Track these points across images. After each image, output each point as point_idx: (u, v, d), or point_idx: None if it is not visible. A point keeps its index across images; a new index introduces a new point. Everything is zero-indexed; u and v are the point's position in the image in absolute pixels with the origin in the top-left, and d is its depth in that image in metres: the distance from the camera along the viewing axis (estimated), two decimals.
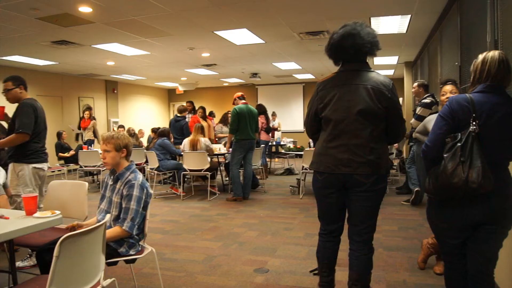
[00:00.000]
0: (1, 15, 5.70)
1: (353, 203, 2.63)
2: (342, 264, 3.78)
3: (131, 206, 2.75)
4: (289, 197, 7.30)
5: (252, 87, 16.19)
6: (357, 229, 2.66)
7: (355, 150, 2.53)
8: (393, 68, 12.19)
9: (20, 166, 3.89)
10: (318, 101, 2.69)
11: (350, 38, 2.54)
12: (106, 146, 2.82)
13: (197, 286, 3.45)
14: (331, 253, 2.84)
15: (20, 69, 10.50)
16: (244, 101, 7.06)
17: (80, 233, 1.95)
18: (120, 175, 2.88)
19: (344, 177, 2.58)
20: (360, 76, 2.57)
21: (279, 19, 6.30)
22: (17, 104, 4.00)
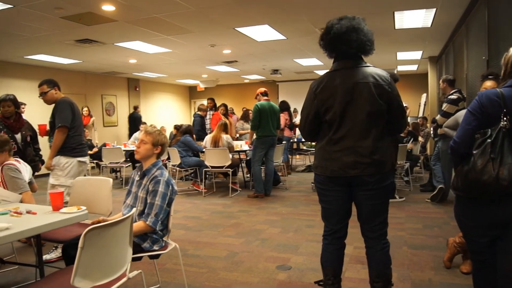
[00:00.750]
0: (26, 15, 5.80)
1: (360, 201, 2.57)
2: (365, 262, 3.74)
3: (156, 201, 2.78)
4: (311, 194, 7.26)
5: (272, 83, 16.15)
6: (369, 226, 2.61)
7: (361, 151, 2.47)
8: (416, 63, 11.98)
9: (66, 159, 4.17)
10: (319, 104, 2.57)
11: (355, 32, 2.46)
12: (146, 137, 2.92)
13: (219, 282, 3.46)
14: (335, 257, 2.73)
15: (44, 68, 10.72)
16: (266, 97, 7.04)
17: (104, 225, 1.97)
18: (146, 171, 2.92)
19: (350, 178, 2.52)
20: (359, 73, 2.48)
21: (301, 15, 6.25)
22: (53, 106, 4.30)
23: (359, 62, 2.52)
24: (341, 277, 2.76)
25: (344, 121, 2.50)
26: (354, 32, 2.46)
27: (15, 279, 3.59)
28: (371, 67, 2.52)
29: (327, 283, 2.73)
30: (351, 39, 2.47)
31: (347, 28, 2.47)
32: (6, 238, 2.15)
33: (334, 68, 2.57)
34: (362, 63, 2.52)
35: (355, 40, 2.46)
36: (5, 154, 3.44)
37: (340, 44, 2.52)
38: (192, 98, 18.27)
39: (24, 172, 3.51)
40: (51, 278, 2.28)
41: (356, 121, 2.47)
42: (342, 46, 2.52)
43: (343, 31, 2.48)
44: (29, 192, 3.37)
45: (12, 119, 4.56)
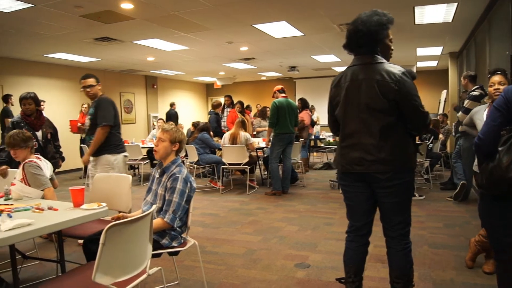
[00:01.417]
0: (47, 14, 5.88)
1: (378, 199, 2.55)
2: (385, 261, 3.69)
3: (174, 198, 2.79)
4: (329, 191, 7.21)
5: (290, 80, 16.08)
6: (390, 225, 2.57)
7: (366, 148, 2.44)
8: (436, 59, 11.78)
9: (114, 156, 4.37)
10: (332, 98, 2.64)
11: (353, 26, 2.45)
12: (163, 135, 2.93)
13: (238, 279, 3.46)
14: (357, 255, 2.70)
15: (64, 66, 10.87)
16: (284, 94, 7.01)
17: (125, 222, 1.98)
18: (166, 168, 2.94)
19: (363, 175, 2.50)
20: (369, 70, 2.44)
21: (319, 11, 6.19)
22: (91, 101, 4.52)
23: (373, 58, 2.46)
24: (362, 276, 2.72)
25: (350, 117, 2.51)
26: (353, 26, 2.45)
27: (36, 274, 3.65)
28: (385, 63, 2.45)
29: (348, 281, 2.70)
30: (349, 35, 2.48)
31: (350, 25, 2.48)
32: (28, 234, 2.18)
33: (350, 64, 2.58)
34: (377, 60, 2.46)
35: (353, 34, 2.45)
36: (27, 151, 3.49)
37: (347, 42, 2.53)
38: (209, 95, 18.31)
39: (45, 169, 3.55)
40: (72, 274, 2.30)
41: (361, 118, 2.46)
42: (348, 44, 2.53)
43: (348, 29, 2.49)
44: (51, 188, 3.41)
45: (33, 117, 4.62)
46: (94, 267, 1.90)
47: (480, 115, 3.65)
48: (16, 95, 7.84)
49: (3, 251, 3.88)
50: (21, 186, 3.27)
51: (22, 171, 3.40)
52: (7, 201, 3.04)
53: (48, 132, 4.71)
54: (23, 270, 3.65)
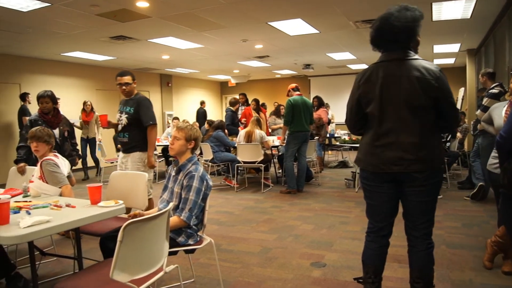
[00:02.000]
0: (63, 13, 5.93)
1: (407, 198, 2.48)
2: (402, 261, 3.66)
3: (190, 196, 2.78)
4: (344, 190, 7.16)
5: (304, 78, 16.01)
6: (415, 224, 2.51)
7: (405, 147, 2.37)
8: (454, 57, 11.61)
9: (145, 154, 4.47)
10: (362, 95, 2.52)
11: (381, 23, 2.38)
12: (178, 133, 2.93)
13: (253, 278, 3.45)
14: (377, 255, 2.64)
15: (80, 65, 10.99)
16: (298, 92, 6.98)
17: (143, 219, 1.98)
18: (182, 166, 2.94)
19: (395, 174, 2.43)
20: (404, 65, 2.37)
21: (335, 8, 6.13)
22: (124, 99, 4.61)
23: (406, 54, 2.40)
24: (381, 276, 2.68)
25: (387, 115, 2.41)
26: (382, 22, 2.38)
27: (54, 270, 3.69)
28: (420, 59, 2.39)
29: (367, 281, 2.66)
30: (378, 32, 2.42)
31: (377, 21, 2.42)
32: (47, 231, 2.20)
33: (379, 60, 2.49)
34: (410, 55, 2.40)
35: (383, 31, 2.39)
36: (48, 147, 3.53)
37: (374, 39, 2.47)
38: (223, 93, 18.34)
39: (62, 166, 3.58)
40: (90, 271, 2.32)
41: (399, 115, 2.38)
42: (376, 40, 2.47)
43: (375, 25, 2.43)
44: (68, 185, 3.45)
45: (50, 115, 4.66)
46: (111, 264, 1.90)
47: (499, 111, 3.57)
48: (33, 94, 7.95)
49: (22, 248, 3.95)
50: (39, 183, 3.31)
51: (40, 169, 3.44)
52: (25, 198, 3.08)
53: (65, 130, 4.76)
54: (41, 266, 3.70)
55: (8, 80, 9.27)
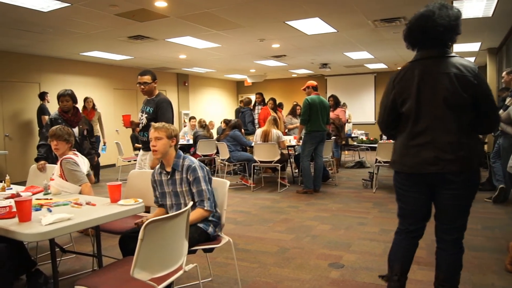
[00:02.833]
0: (83, 13, 5.99)
1: (442, 201, 2.41)
2: (421, 263, 3.60)
3: (203, 187, 2.81)
4: (362, 190, 7.09)
5: (321, 78, 15.92)
6: (447, 227, 2.45)
7: (443, 146, 2.31)
8: (474, 55, 11.40)
9: None
10: (396, 95, 2.47)
11: (423, 21, 2.33)
12: (158, 133, 2.84)
13: (271, 278, 3.43)
14: (405, 254, 2.60)
15: (98, 64, 11.11)
16: (316, 91, 6.93)
17: (164, 218, 1.98)
18: (175, 166, 2.90)
19: (431, 176, 2.37)
20: (441, 63, 2.33)
21: (354, 6, 6.07)
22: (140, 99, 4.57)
23: (443, 52, 2.37)
24: (407, 276, 2.63)
25: (423, 114, 2.37)
26: (423, 20, 2.34)
27: (73, 268, 3.73)
28: (457, 57, 2.35)
29: (392, 279, 2.61)
30: (417, 30, 2.37)
31: (415, 19, 2.38)
32: (68, 228, 2.22)
33: (415, 58, 2.46)
34: (447, 53, 2.36)
35: (422, 29, 2.34)
36: (68, 146, 3.57)
37: (411, 36, 2.44)
38: (239, 93, 18.35)
39: (81, 164, 3.61)
40: (110, 268, 2.33)
41: (436, 114, 2.33)
42: (413, 38, 2.44)
43: (413, 22, 2.39)
44: (88, 183, 3.48)
45: (70, 114, 4.72)
46: (132, 263, 1.91)
47: None
48: (52, 93, 8.08)
49: (41, 244, 4.01)
50: (60, 181, 3.35)
51: (60, 167, 3.48)
52: (46, 196, 3.11)
53: (85, 129, 4.81)
54: (60, 263, 3.74)
55: (28, 79, 9.42)
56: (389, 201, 6.15)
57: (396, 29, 7.51)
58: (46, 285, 3.08)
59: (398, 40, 8.63)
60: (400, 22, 6.93)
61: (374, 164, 7.08)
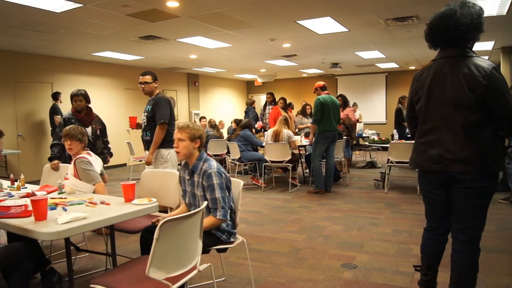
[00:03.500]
0: (95, 13, 6.02)
1: (455, 200, 2.43)
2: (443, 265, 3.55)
3: (217, 195, 2.71)
4: (373, 191, 7.04)
5: (331, 77, 15.86)
6: (461, 227, 2.44)
7: (446, 146, 2.33)
8: (487, 55, 11.28)
9: (168, 151, 4.56)
10: (413, 92, 2.55)
11: (444, 20, 2.33)
12: (181, 134, 2.77)
13: (283, 278, 3.42)
14: (432, 251, 2.67)
15: (109, 64, 11.17)
16: (326, 91, 6.90)
17: (179, 217, 1.98)
18: (194, 168, 2.83)
19: (441, 174, 2.40)
20: (455, 62, 2.33)
21: (365, 5, 6.04)
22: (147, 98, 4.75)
23: (462, 51, 2.35)
24: (437, 269, 2.71)
25: (431, 112, 2.40)
26: (444, 19, 2.33)
27: (86, 266, 3.75)
28: (474, 57, 2.33)
29: (421, 272, 2.73)
30: (438, 29, 2.37)
31: (436, 18, 2.38)
32: (84, 228, 2.23)
33: (436, 57, 2.47)
34: (466, 52, 2.34)
35: (443, 28, 2.34)
36: (81, 146, 3.59)
37: (431, 35, 2.44)
38: (249, 92, 18.35)
39: (95, 164, 3.63)
40: (124, 268, 2.33)
41: (443, 113, 2.35)
42: (434, 37, 2.44)
43: (434, 21, 2.39)
44: (101, 183, 3.49)
45: (83, 113, 4.75)
46: (148, 262, 1.91)
47: None
48: (64, 93, 8.15)
49: (55, 243, 4.04)
50: (74, 180, 3.37)
51: (73, 167, 3.50)
52: (60, 195, 3.13)
53: (98, 128, 4.83)
54: (74, 262, 3.76)
55: (41, 80, 9.51)
56: (402, 202, 6.11)
57: (408, 28, 7.45)
58: (60, 283, 3.11)
59: (410, 39, 8.57)
60: (413, 21, 6.87)
61: (386, 164, 7.03)
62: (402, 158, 6.63)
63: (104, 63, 11.04)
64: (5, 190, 3.30)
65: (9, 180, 3.72)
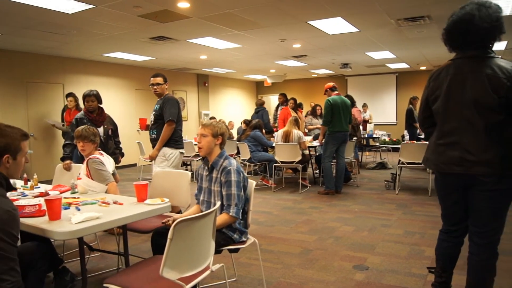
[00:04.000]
0: (106, 14, 6.06)
1: (474, 202, 2.38)
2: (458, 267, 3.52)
3: (232, 192, 2.75)
4: (384, 192, 7.00)
5: (341, 78, 15.80)
6: (479, 230, 2.40)
7: (468, 148, 2.28)
8: (499, 55, 11.13)
9: (171, 151, 4.59)
10: (430, 92, 2.49)
11: (463, 23, 2.28)
12: (204, 130, 2.86)
13: (295, 279, 3.41)
14: (447, 253, 2.64)
15: (120, 65, 11.23)
16: (336, 92, 6.87)
17: (193, 218, 1.98)
18: (214, 164, 2.89)
19: (461, 176, 2.35)
20: (476, 63, 2.28)
21: (377, 6, 6.00)
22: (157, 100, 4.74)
23: (483, 52, 2.31)
24: (452, 271, 2.69)
25: (451, 113, 2.36)
26: (463, 23, 2.29)
27: (98, 266, 3.77)
28: (496, 58, 2.29)
29: (435, 274, 2.71)
30: (457, 32, 2.34)
31: (454, 21, 2.34)
32: (97, 227, 2.24)
33: (454, 57, 2.43)
34: (487, 53, 2.31)
35: (463, 31, 2.30)
36: (94, 146, 3.61)
37: (450, 38, 2.41)
38: (259, 93, 18.35)
39: (107, 164, 3.65)
40: (137, 268, 2.34)
41: (465, 114, 2.30)
42: (452, 40, 2.40)
43: (451, 24, 2.36)
44: (114, 183, 3.51)
45: (95, 114, 4.78)
46: (159, 261, 1.92)
47: None
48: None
49: (67, 242, 4.06)
50: (87, 180, 3.39)
51: (86, 167, 3.52)
52: (73, 195, 3.15)
53: (109, 128, 4.86)
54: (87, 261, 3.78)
55: (52, 80, 9.59)
56: (413, 203, 6.06)
57: (420, 28, 7.40)
58: (73, 282, 3.12)
59: (422, 39, 8.51)
60: (424, 21, 6.82)
61: (397, 165, 6.98)
62: (413, 159, 6.59)
63: (114, 64, 11.10)
64: (19, 190, 3.33)
65: (22, 179, 3.75)
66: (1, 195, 1.95)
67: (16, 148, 2.07)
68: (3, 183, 2.03)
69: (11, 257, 1.81)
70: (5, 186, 2.04)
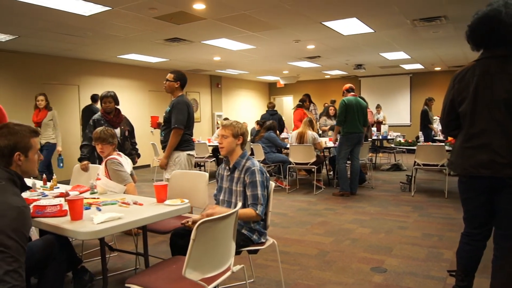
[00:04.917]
0: (122, 16, 6.10)
1: (500, 205, 2.34)
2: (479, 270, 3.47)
3: (258, 192, 2.79)
4: (399, 194, 6.94)
5: (355, 79, 15.70)
6: (505, 233, 2.36)
7: (498, 150, 2.24)
8: None
9: (177, 153, 4.46)
10: (455, 94, 2.43)
11: (488, 21, 2.25)
12: (225, 131, 2.89)
13: (313, 280, 3.40)
14: (470, 256, 2.60)
15: (134, 66, 11.31)
16: (352, 93, 6.84)
17: (215, 219, 1.98)
18: (236, 164, 2.92)
19: (489, 179, 2.31)
20: (504, 63, 2.24)
21: (393, 6, 5.96)
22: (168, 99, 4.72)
23: (510, 51, 2.27)
24: (474, 275, 2.64)
25: (480, 115, 2.31)
26: (488, 21, 2.26)
27: (115, 266, 3.79)
28: None
29: (457, 278, 2.67)
30: (482, 31, 2.30)
31: (479, 18, 2.31)
32: (119, 227, 2.26)
33: (479, 57, 2.40)
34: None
35: (488, 30, 2.27)
36: (112, 147, 3.64)
37: (474, 37, 2.37)
38: (271, 94, 18.35)
39: (125, 165, 3.67)
40: (158, 268, 2.34)
41: (494, 116, 2.26)
42: (477, 39, 2.37)
43: (476, 22, 2.32)
44: (132, 183, 3.53)
45: (112, 115, 4.82)
46: (180, 262, 1.92)
47: None
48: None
49: (86, 242, 4.09)
50: (106, 181, 3.42)
51: (104, 167, 3.54)
52: (93, 195, 3.18)
53: (126, 130, 4.89)
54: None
55: (68, 82, 9.69)
56: (429, 205, 6.00)
57: (435, 29, 7.33)
58: (91, 282, 3.15)
59: (437, 39, 8.43)
60: (441, 21, 6.76)
61: (413, 166, 6.91)
62: (429, 160, 6.53)
63: (128, 65, 11.18)
64: (39, 190, 3.37)
65: (42, 180, 3.79)
66: (14, 193, 1.95)
67: (26, 145, 2.08)
68: (17, 181, 2.04)
69: (16, 257, 1.70)
70: (19, 185, 2.05)
